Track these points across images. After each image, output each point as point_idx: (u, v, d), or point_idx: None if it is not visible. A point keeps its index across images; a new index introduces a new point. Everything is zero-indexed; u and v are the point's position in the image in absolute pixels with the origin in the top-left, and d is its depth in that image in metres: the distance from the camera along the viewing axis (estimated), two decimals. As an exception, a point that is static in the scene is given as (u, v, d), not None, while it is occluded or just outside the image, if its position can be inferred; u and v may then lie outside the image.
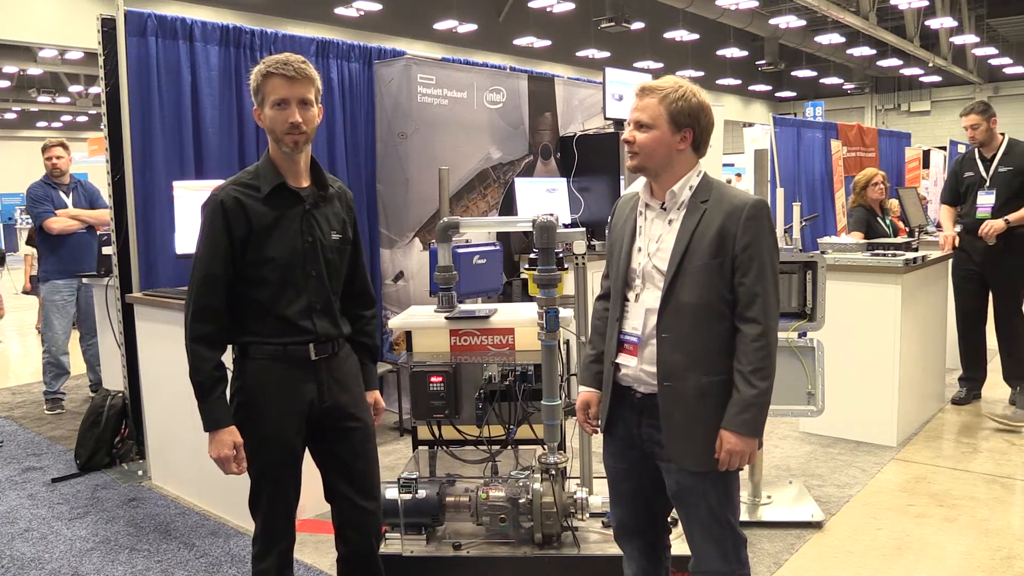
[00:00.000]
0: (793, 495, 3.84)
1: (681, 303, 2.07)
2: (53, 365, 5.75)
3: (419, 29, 18.12)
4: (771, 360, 2.03)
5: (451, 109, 5.38)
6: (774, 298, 2.05)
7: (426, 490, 3.04)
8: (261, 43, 4.79)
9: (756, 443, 2.06)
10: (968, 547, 3.41)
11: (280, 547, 2.36)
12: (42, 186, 5.73)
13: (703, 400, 2.07)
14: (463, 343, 3.21)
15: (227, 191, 2.24)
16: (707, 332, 2.06)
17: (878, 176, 5.74)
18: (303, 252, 2.27)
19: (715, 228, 2.04)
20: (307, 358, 2.29)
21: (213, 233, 2.21)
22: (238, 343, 2.30)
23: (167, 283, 4.35)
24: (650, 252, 2.15)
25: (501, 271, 4.07)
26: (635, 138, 2.11)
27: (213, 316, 2.22)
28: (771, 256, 2.05)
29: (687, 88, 2.10)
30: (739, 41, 24.06)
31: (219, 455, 2.21)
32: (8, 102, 24.61)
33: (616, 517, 2.38)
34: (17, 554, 3.51)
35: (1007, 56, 26.92)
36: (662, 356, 2.10)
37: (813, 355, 3.63)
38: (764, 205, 2.08)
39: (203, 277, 2.22)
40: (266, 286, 2.24)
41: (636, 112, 2.12)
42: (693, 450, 2.09)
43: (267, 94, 2.21)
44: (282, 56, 2.23)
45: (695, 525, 2.16)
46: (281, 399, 2.28)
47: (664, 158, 2.11)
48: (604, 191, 6.06)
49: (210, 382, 2.20)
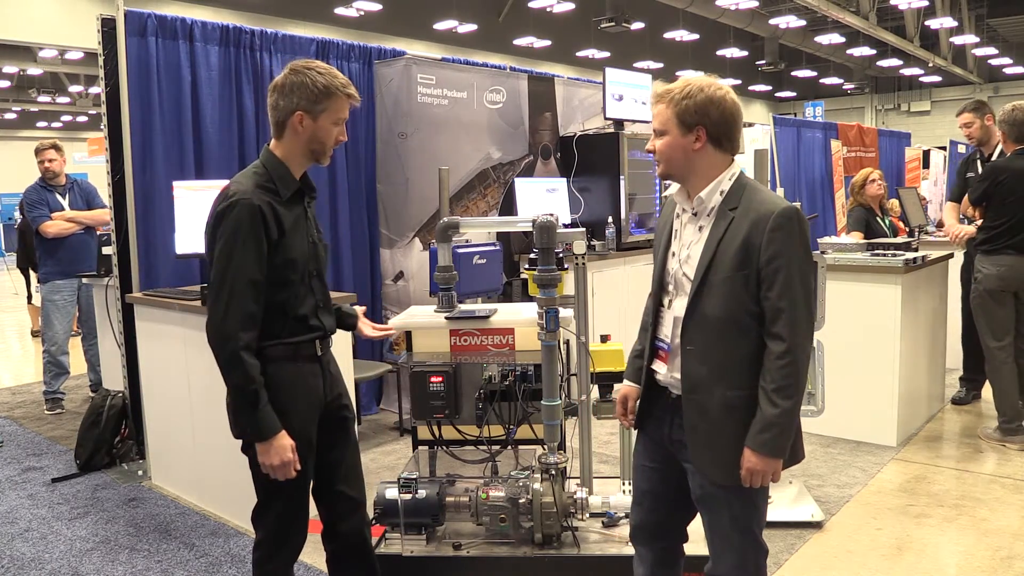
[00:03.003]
0: (793, 495, 3.83)
1: (706, 315, 2.01)
2: (53, 365, 5.76)
3: (419, 29, 18.11)
4: (797, 378, 1.95)
5: (451, 109, 5.38)
6: (804, 313, 1.95)
7: (426, 490, 3.04)
8: (261, 43, 4.79)
9: (779, 463, 1.98)
10: (968, 547, 3.41)
11: (291, 547, 2.37)
12: (37, 189, 5.73)
13: (729, 414, 2.01)
14: (463, 343, 3.21)
15: (257, 195, 2.18)
16: (732, 346, 2.00)
17: (875, 173, 5.74)
18: (309, 252, 2.32)
19: (740, 239, 1.96)
20: (314, 354, 2.33)
21: (253, 239, 2.15)
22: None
23: (167, 283, 4.36)
24: (681, 259, 2.10)
25: (501, 271, 4.08)
26: (655, 146, 2.08)
27: (255, 323, 2.18)
28: (800, 268, 1.95)
29: (694, 85, 2.02)
30: (739, 41, 24.06)
31: (282, 460, 2.17)
32: (8, 102, 24.59)
33: (635, 517, 2.33)
34: (17, 554, 3.51)
35: (1007, 56, 26.91)
36: (687, 368, 2.06)
37: (813, 355, 3.63)
38: (793, 213, 1.97)
39: (247, 284, 2.14)
40: (289, 287, 2.26)
41: (653, 120, 2.09)
42: (718, 462, 2.04)
43: (335, 111, 2.26)
44: (345, 78, 2.29)
45: (716, 531, 2.13)
46: (301, 397, 2.30)
47: (684, 162, 2.05)
48: (604, 191, 6.06)
49: (259, 386, 2.16)
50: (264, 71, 4.78)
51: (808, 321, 1.99)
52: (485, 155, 5.68)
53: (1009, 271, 4.61)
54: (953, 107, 27.27)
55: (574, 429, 3.21)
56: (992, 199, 4.67)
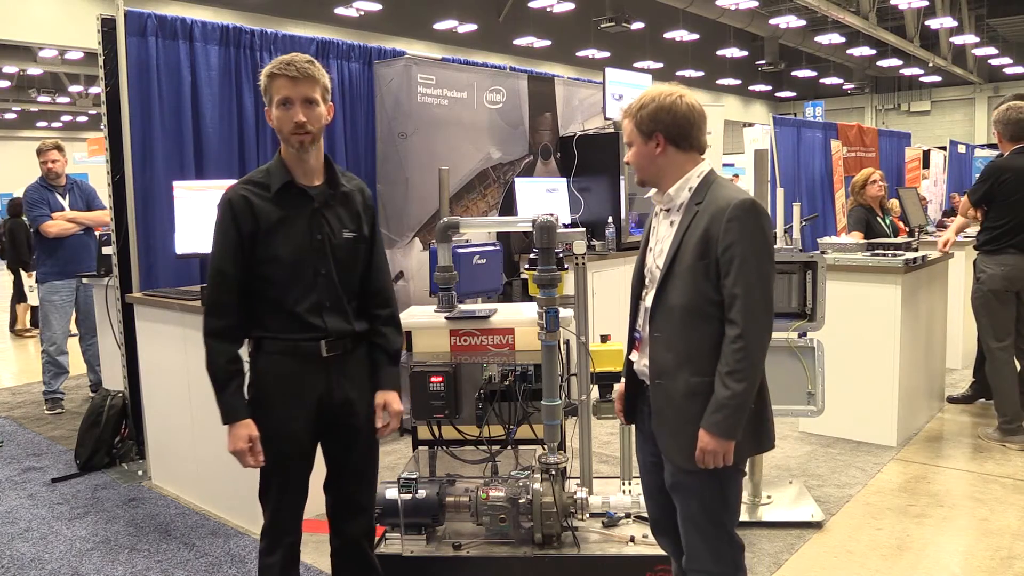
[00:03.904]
0: (793, 495, 3.84)
1: (671, 304, 2.11)
2: (52, 365, 5.76)
3: (419, 29, 18.13)
4: (750, 362, 2.02)
5: (451, 109, 5.38)
6: (758, 299, 2.03)
7: (426, 490, 3.04)
8: (261, 43, 4.79)
9: (731, 444, 2.05)
10: (968, 547, 3.41)
11: (286, 541, 2.38)
12: (38, 189, 5.74)
13: (692, 399, 2.09)
14: (463, 343, 3.21)
15: (236, 190, 2.28)
16: (695, 333, 2.09)
17: (876, 174, 5.74)
18: (312, 250, 2.29)
19: (701, 230, 2.07)
20: (318, 354, 2.30)
21: (223, 231, 2.26)
22: (253, 337, 2.34)
23: (167, 283, 4.36)
24: (655, 253, 2.22)
25: (501, 271, 4.07)
26: (628, 158, 2.23)
27: (225, 311, 2.26)
28: (755, 256, 2.03)
29: (647, 96, 2.16)
30: (739, 41, 24.06)
31: (234, 448, 2.24)
32: (8, 102, 24.63)
33: (649, 511, 2.43)
34: (17, 554, 3.51)
35: (1007, 56, 26.92)
36: (654, 355, 2.16)
37: (813, 355, 3.63)
38: (750, 205, 2.05)
39: (214, 273, 2.27)
40: (274, 283, 2.27)
41: (623, 135, 2.24)
42: (682, 447, 2.12)
43: (273, 94, 2.25)
44: (287, 56, 2.25)
45: (687, 521, 2.19)
46: (291, 393, 2.30)
47: (651, 167, 2.18)
48: (604, 191, 6.06)
49: (224, 375, 2.24)
50: (264, 71, 4.78)
51: (764, 308, 2.05)
52: (485, 155, 5.68)
53: (1012, 271, 4.61)
54: (953, 107, 27.19)
55: (574, 429, 3.21)
56: (994, 199, 4.67)
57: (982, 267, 4.74)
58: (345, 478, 2.44)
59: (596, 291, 5.34)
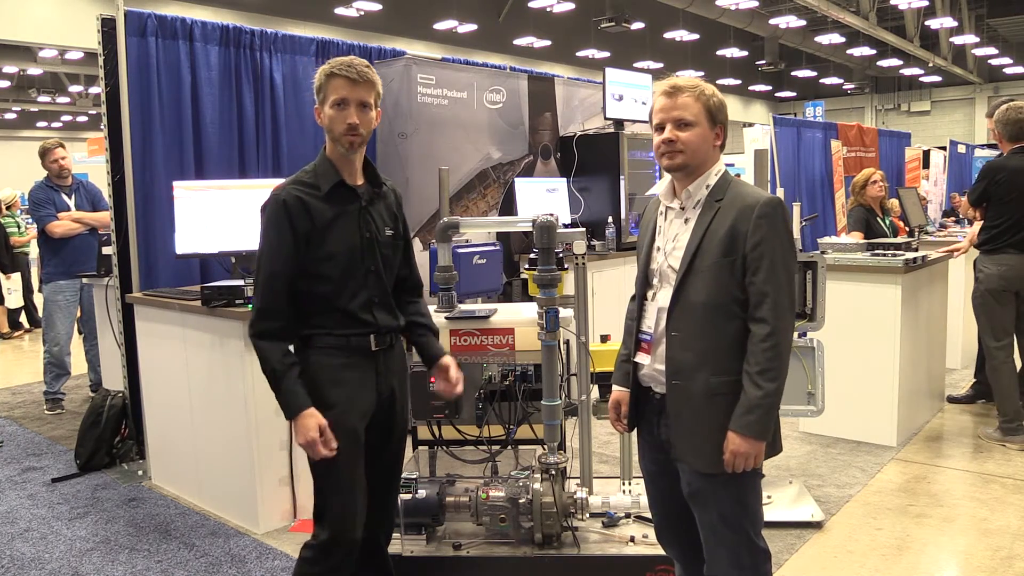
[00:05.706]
0: (793, 495, 3.83)
1: (691, 302, 2.06)
2: (54, 365, 5.75)
3: (419, 29, 18.12)
4: (780, 361, 2.00)
5: (451, 109, 5.38)
6: (786, 298, 2.01)
7: (426, 490, 3.04)
8: (261, 43, 4.79)
9: (762, 445, 2.01)
10: (968, 547, 3.41)
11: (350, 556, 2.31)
12: (44, 188, 5.73)
13: (712, 400, 2.04)
14: (463, 343, 3.21)
15: (288, 190, 2.29)
16: (717, 331, 2.04)
17: (876, 174, 5.74)
18: (361, 248, 2.33)
19: (727, 226, 2.03)
20: (368, 349, 2.35)
21: (277, 232, 2.26)
22: (301, 335, 2.34)
23: (167, 283, 4.36)
24: (667, 252, 2.15)
25: (501, 271, 4.07)
26: (678, 136, 2.07)
27: (277, 314, 2.27)
28: (784, 255, 2.02)
29: (707, 85, 2.12)
30: (739, 41, 24.05)
31: (305, 440, 2.21)
32: (8, 102, 24.61)
33: (654, 519, 2.37)
34: (17, 554, 3.51)
35: (1007, 56, 26.92)
36: (671, 353, 2.09)
37: (813, 355, 3.63)
38: (778, 203, 2.05)
39: (267, 275, 2.27)
40: (328, 281, 2.30)
41: (676, 111, 2.07)
42: (702, 450, 2.06)
43: (328, 94, 2.27)
44: (347, 58, 2.29)
45: (707, 528, 2.12)
46: (346, 385, 2.32)
47: (704, 155, 2.10)
48: (604, 191, 6.06)
49: (282, 368, 2.23)
50: (264, 71, 4.78)
51: (790, 307, 2.04)
52: (485, 155, 5.68)
53: (1009, 270, 4.62)
54: (953, 107, 27.20)
55: (574, 429, 3.21)
56: (991, 199, 4.68)
57: (981, 267, 4.75)
58: (378, 470, 2.44)
59: (596, 291, 5.34)
